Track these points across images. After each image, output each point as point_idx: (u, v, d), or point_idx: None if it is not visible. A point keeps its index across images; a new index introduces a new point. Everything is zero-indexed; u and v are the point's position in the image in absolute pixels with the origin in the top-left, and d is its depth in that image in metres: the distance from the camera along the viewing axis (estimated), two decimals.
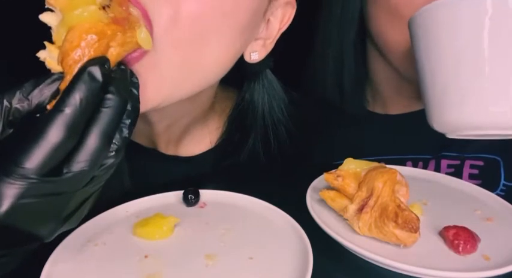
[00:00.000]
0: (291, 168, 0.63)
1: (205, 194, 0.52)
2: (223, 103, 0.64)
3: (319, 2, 0.69)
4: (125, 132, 0.34)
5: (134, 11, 0.36)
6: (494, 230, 0.47)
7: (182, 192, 0.51)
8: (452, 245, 0.43)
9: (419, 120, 0.70)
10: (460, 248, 0.42)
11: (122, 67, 0.35)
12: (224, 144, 0.63)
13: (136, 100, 0.36)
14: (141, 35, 0.36)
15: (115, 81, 0.33)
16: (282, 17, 0.52)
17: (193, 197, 0.50)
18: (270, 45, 0.52)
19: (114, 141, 0.34)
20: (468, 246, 0.43)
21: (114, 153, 0.34)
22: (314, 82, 0.72)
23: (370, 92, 0.73)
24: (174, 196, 0.52)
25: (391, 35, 0.60)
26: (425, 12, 0.43)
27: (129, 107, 0.34)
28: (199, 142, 0.63)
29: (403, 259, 0.41)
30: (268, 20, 0.51)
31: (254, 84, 0.62)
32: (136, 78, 0.37)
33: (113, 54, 0.34)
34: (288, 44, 0.55)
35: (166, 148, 0.61)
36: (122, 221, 0.47)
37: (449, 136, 0.46)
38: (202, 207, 0.51)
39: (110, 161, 0.34)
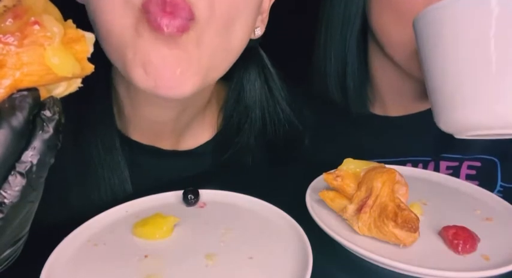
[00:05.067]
0: (291, 168, 0.63)
1: (205, 194, 0.52)
2: (216, 95, 0.64)
3: None
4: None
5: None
6: (493, 230, 0.47)
7: (182, 191, 0.51)
8: (452, 245, 0.43)
9: (418, 122, 0.70)
10: (460, 248, 0.43)
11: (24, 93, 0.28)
12: (222, 135, 0.63)
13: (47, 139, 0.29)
14: (53, 59, 0.27)
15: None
16: None
17: (193, 197, 0.50)
18: (265, 19, 0.55)
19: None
20: (468, 246, 0.43)
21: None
22: (317, 81, 0.71)
23: (371, 93, 0.73)
24: (174, 196, 0.52)
25: (394, 33, 0.59)
26: (430, 13, 0.42)
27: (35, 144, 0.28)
28: (198, 135, 0.63)
29: (403, 259, 0.41)
30: None
31: (249, 69, 0.62)
32: (56, 110, 0.29)
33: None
34: (293, 42, 0.55)
35: (166, 143, 0.61)
36: (121, 221, 0.47)
37: (457, 136, 0.46)
38: (202, 207, 0.51)
39: None
